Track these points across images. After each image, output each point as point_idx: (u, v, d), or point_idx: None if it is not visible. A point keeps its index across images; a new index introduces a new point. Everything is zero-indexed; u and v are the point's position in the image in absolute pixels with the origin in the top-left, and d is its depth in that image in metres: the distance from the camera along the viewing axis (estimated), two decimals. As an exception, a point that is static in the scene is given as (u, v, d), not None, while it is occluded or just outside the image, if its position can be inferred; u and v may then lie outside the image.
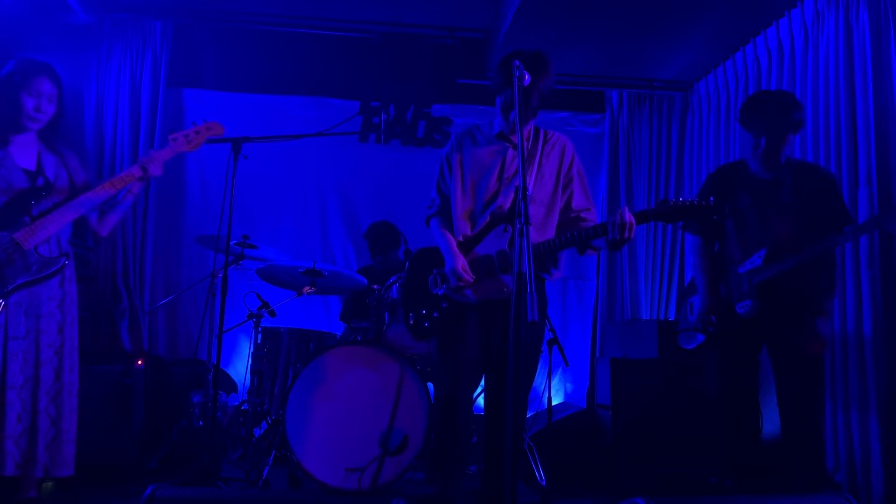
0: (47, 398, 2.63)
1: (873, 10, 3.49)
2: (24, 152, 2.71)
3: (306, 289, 3.69)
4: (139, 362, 3.67)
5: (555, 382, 5.09)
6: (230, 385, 4.53)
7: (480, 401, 2.98)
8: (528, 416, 4.02)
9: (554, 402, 4.69)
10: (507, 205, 2.64)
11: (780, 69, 4.17)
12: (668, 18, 4.40)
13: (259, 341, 3.84)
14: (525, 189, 2.08)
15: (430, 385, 3.49)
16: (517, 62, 2.31)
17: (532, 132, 2.76)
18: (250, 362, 3.83)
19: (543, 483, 3.46)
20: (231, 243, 3.51)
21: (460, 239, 2.72)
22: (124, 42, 4.84)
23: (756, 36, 4.46)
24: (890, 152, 3.39)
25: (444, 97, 5.29)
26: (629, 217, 2.40)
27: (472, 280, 2.61)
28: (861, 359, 3.36)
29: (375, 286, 3.68)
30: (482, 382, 2.81)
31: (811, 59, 3.89)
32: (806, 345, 2.72)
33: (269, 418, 3.70)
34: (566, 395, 5.22)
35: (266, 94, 5.20)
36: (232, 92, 5.16)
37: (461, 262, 2.62)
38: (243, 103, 5.15)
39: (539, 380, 5.05)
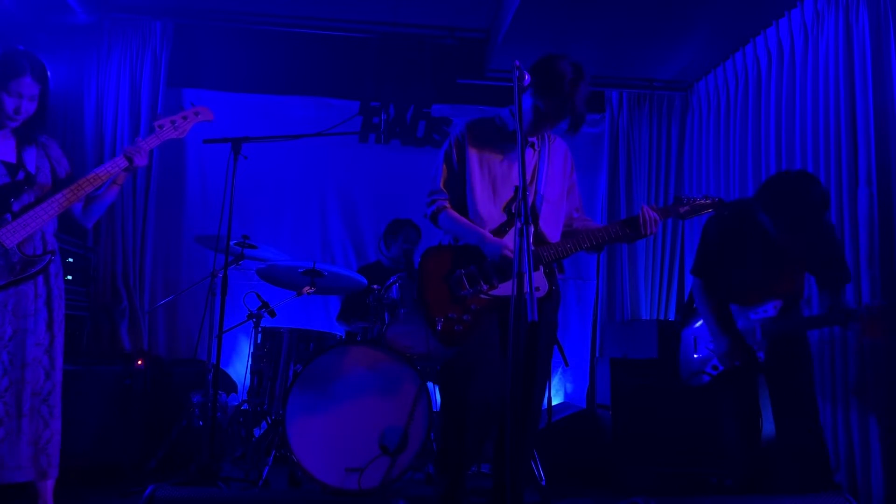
0: (38, 399, 2.52)
1: (873, 10, 3.49)
2: (4, 145, 2.60)
3: (306, 289, 3.68)
4: (139, 362, 3.67)
5: (555, 382, 5.09)
6: (230, 385, 4.52)
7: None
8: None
9: (554, 402, 4.69)
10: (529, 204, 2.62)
11: (780, 69, 4.17)
12: (668, 18, 4.40)
13: (259, 341, 3.84)
14: (525, 189, 2.08)
15: (431, 385, 3.49)
16: (517, 62, 2.31)
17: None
18: (250, 362, 3.83)
19: (543, 483, 3.46)
20: (231, 243, 3.51)
21: None
22: (124, 42, 4.84)
23: (756, 36, 4.46)
24: (890, 152, 3.39)
25: (444, 97, 5.29)
26: (652, 214, 2.60)
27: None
28: (861, 359, 3.37)
29: (375, 286, 3.67)
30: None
31: (811, 59, 3.89)
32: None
33: (269, 418, 3.69)
34: (566, 395, 5.22)
35: (266, 94, 5.20)
36: (232, 92, 5.16)
37: (506, 243, 2.50)
38: (243, 103, 5.15)
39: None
